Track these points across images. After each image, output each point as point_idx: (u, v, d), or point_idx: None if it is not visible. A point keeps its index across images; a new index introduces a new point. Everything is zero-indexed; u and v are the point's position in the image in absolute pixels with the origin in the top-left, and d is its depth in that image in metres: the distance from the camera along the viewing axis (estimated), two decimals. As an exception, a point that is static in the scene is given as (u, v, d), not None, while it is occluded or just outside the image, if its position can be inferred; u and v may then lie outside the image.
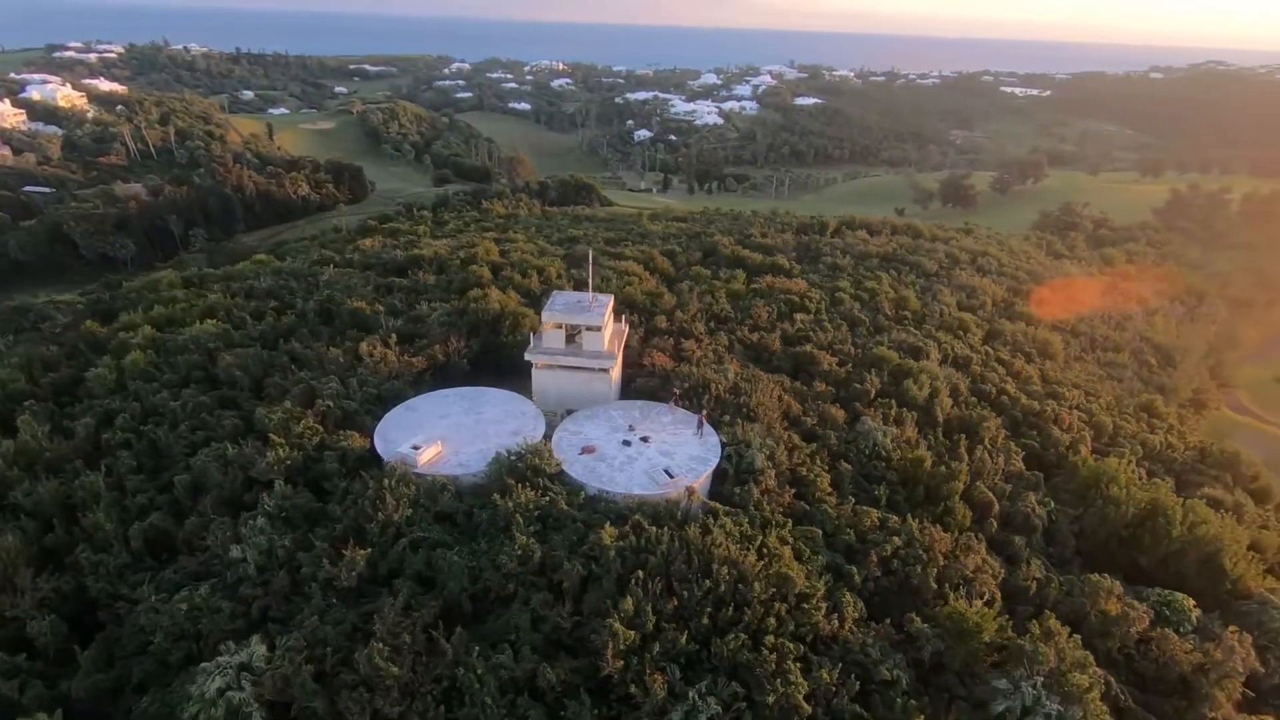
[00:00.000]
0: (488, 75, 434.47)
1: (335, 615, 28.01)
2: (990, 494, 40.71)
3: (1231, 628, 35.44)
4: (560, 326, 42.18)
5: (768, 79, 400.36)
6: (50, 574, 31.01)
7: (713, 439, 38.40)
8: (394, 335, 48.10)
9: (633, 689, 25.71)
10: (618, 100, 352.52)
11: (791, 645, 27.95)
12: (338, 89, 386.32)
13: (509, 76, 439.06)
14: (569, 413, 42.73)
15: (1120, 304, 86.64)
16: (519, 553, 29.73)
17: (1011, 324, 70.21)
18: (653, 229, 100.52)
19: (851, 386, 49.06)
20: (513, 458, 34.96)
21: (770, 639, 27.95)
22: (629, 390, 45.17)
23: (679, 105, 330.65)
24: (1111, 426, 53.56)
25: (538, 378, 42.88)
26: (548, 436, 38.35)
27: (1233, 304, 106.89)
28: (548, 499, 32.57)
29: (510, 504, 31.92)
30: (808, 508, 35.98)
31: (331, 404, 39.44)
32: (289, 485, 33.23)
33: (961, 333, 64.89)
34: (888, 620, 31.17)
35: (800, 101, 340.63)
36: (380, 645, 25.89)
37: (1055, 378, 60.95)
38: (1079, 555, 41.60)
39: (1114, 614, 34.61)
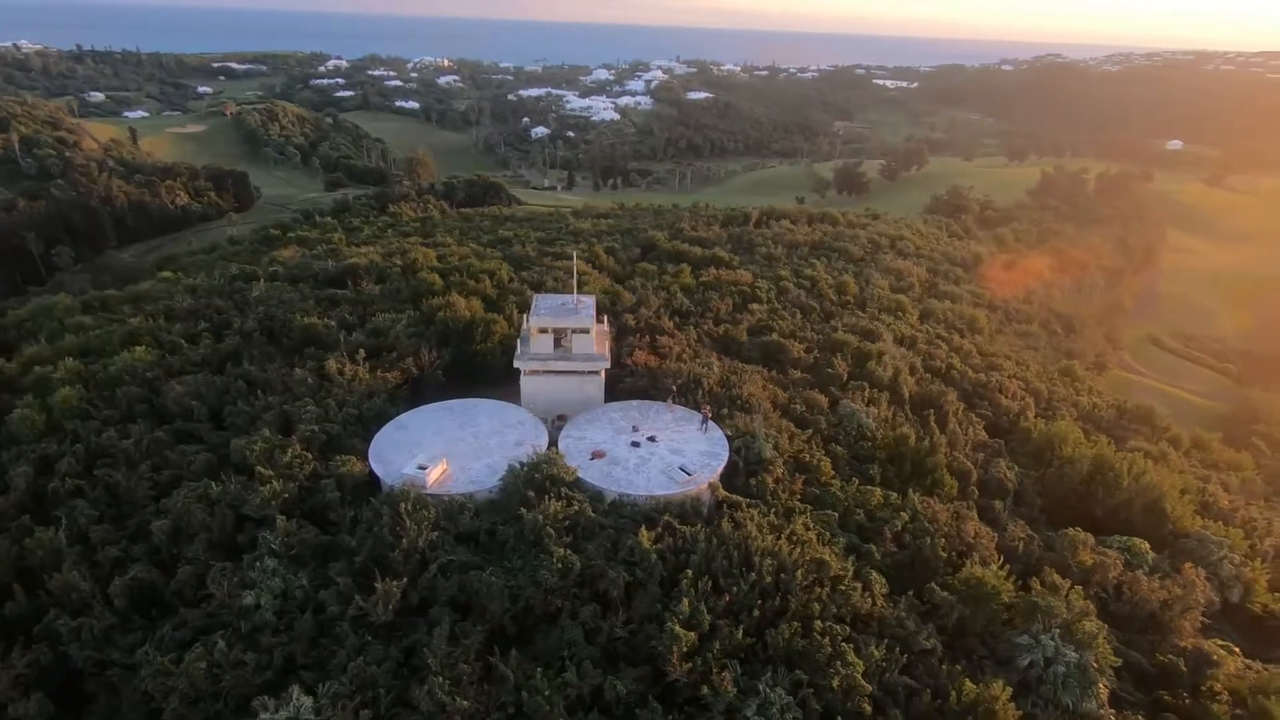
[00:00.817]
0: (369, 73, 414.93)
1: (375, 654, 26.24)
2: (969, 463, 43.45)
3: (1188, 564, 39.62)
4: (547, 331, 41.20)
5: (659, 74, 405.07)
6: (22, 648, 27.22)
7: (716, 433, 38.76)
8: (361, 351, 45.30)
9: (704, 690, 25.65)
10: (510, 97, 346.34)
11: (838, 628, 28.80)
12: (201, 89, 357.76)
13: (391, 74, 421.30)
14: (560, 418, 41.93)
15: (1023, 279, 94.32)
16: (559, 566, 28.93)
17: (939, 303, 74.90)
18: (582, 227, 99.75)
19: (823, 372, 50.88)
20: (526, 469, 33.89)
21: (818, 624, 28.69)
22: (613, 391, 44.72)
23: (574, 101, 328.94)
24: (1047, 392, 58.37)
25: (527, 384, 41.73)
26: (552, 444, 37.45)
27: (1106, 273, 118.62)
28: (574, 508, 31.80)
29: (538, 517, 30.96)
30: (818, 492, 37.06)
31: (316, 429, 36.74)
32: (289, 520, 30.73)
33: (900, 314, 68.57)
34: (909, 592, 32.67)
35: (692, 96, 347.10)
36: (439, 679, 24.54)
37: (987, 350, 65.63)
38: (1043, 513, 45.13)
39: (1090, 563, 37.93)
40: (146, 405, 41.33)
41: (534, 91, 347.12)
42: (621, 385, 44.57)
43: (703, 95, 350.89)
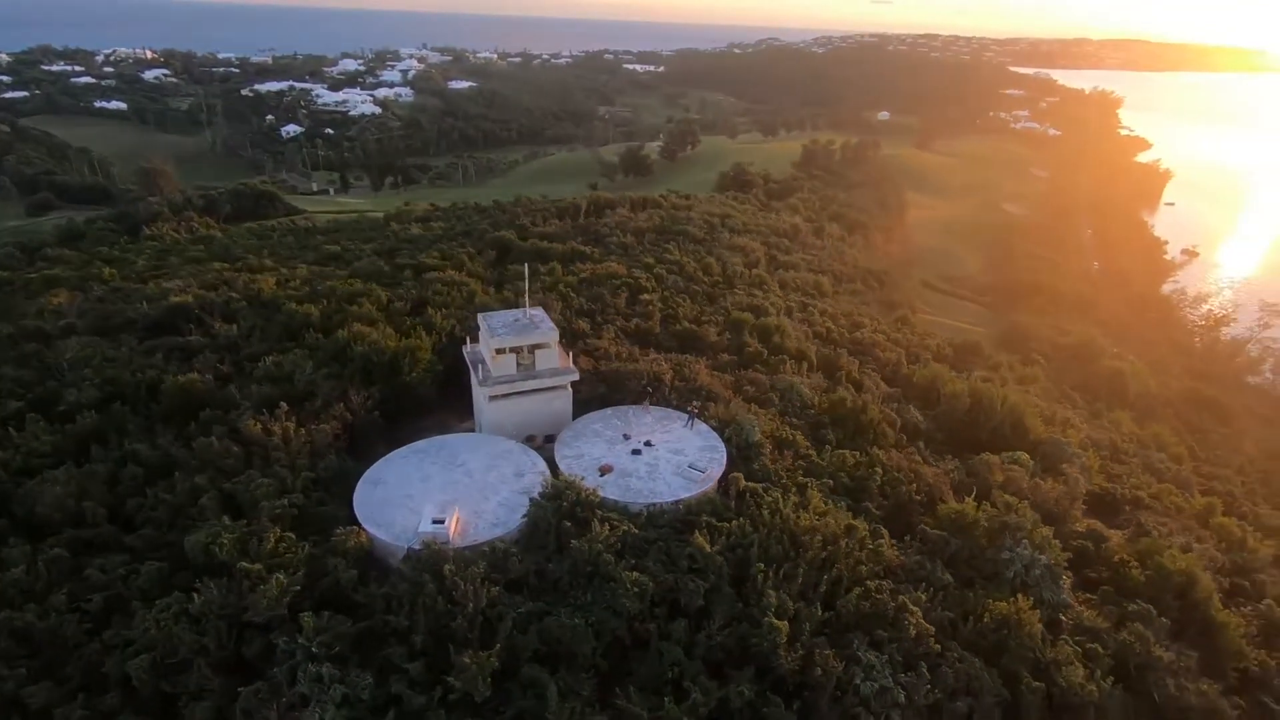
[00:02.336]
0: (44, 68, 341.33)
1: (487, 735, 23.72)
2: (892, 414, 48.98)
3: (1065, 463, 48.78)
4: (509, 350, 38.84)
5: (414, 63, 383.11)
6: None
7: (702, 427, 39.63)
8: (282, 405, 38.79)
9: (818, 673, 26.85)
10: (245, 93, 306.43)
11: (885, 583, 31.60)
12: None
13: (77, 68, 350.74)
14: (529, 439, 39.99)
15: (834, 242, 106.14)
16: (635, 590, 28.16)
17: (785, 273, 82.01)
18: (416, 232, 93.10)
19: (743, 352, 53.73)
20: (550, 499, 32.10)
21: (871, 583, 31.23)
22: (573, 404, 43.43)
23: (325, 95, 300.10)
24: (904, 341, 67.13)
25: (493, 410, 39.05)
26: (553, 467, 35.75)
27: (878, 230, 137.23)
28: (624, 528, 30.92)
29: (590, 545, 29.66)
30: (805, 464, 39.66)
31: (285, 503, 31.19)
32: (313, 614, 26.13)
33: (764, 288, 74.07)
34: (906, 537, 36.62)
35: (455, 86, 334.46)
36: (579, 739, 22.98)
37: (843, 311, 73.56)
38: (944, 445, 52.42)
39: (1003, 479, 45.20)
40: (4, 520, 31.93)
41: (274, 85, 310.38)
42: (578, 396, 43.38)
43: (466, 84, 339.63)
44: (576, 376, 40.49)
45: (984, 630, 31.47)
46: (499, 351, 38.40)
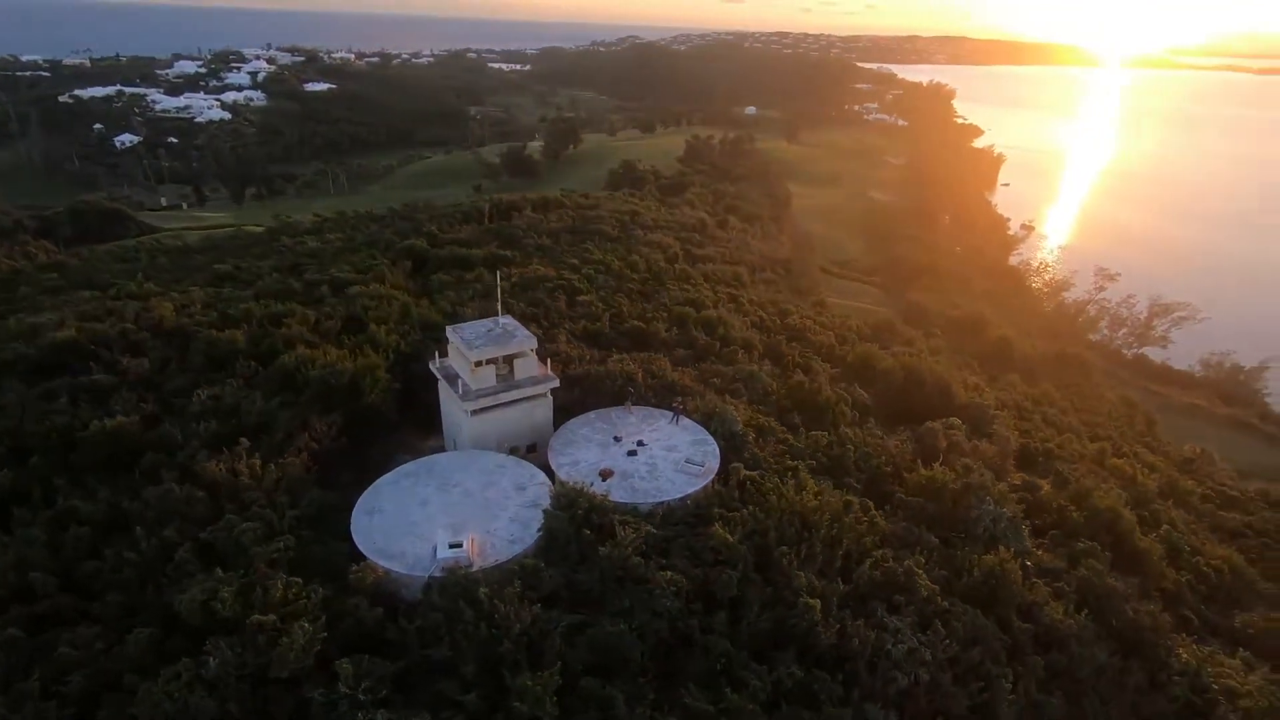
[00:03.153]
0: None
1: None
2: (844, 394, 51.69)
3: (995, 424, 53.51)
4: (487, 362, 37.58)
5: (264, 64, 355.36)
6: None
7: (687, 421, 40.16)
8: (242, 441, 35.32)
9: (855, 643, 28.16)
10: (64, 99, 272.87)
11: (888, 551, 33.57)
12: None
13: None
14: (512, 450, 38.96)
15: (737, 234, 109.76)
16: (672, 590, 28.32)
17: (705, 266, 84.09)
18: (314, 245, 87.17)
19: (696, 345, 54.76)
20: (563, 509, 31.51)
21: (878, 554, 33.08)
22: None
23: (164, 100, 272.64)
24: (829, 324, 70.84)
25: (475, 425, 37.60)
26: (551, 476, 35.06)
27: (770, 220, 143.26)
28: (646, 530, 30.89)
29: (617, 551, 29.46)
30: (785, 448, 41.15)
31: (280, 547, 28.56)
32: (348, 659, 24.26)
33: (691, 281, 75.59)
34: (885, 506, 39.00)
35: (312, 88, 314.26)
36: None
37: (763, 300, 76.49)
38: (887, 417, 56.01)
39: (947, 444, 49.05)
40: (-77, 606, 27.20)
41: (98, 90, 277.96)
42: (555, 403, 42.64)
43: (324, 86, 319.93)
44: (557, 383, 39.81)
45: (975, 583, 34.15)
46: (479, 364, 37.04)
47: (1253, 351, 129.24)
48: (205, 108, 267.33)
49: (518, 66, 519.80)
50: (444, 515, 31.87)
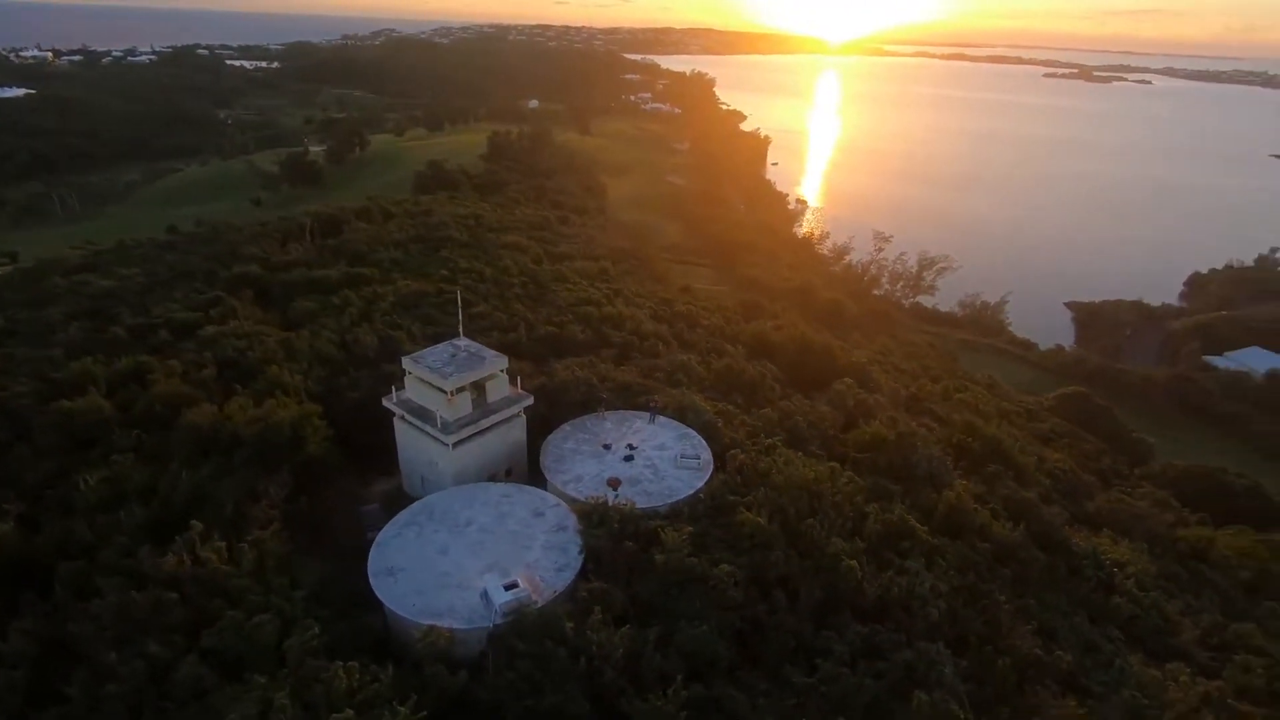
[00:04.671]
0: None
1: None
2: (762, 371, 55.09)
3: (879, 380, 60.21)
4: (464, 389, 35.07)
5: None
6: None
7: (663, 419, 40.61)
8: (194, 525, 29.28)
9: (895, 591, 30.99)
10: None
11: (875, 506, 37.06)
12: None
13: None
14: (491, 478, 36.89)
15: (582, 230, 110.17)
16: (734, 581, 29.13)
17: (572, 264, 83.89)
18: (107, 284, 72.83)
19: (613, 343, 54.87)
20: (598, 527, 30.77)
21: (871, 509, 36.37)
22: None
23: None
24: (710, 307, 74.41)
25: (457, 457, 34.90)
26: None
27: (597, 212, 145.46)
28: (690, 530, 31.15)
29: (671, 556, 29.54)
30: (749, 428, 43.24)
31: (315, 633, 24.56)
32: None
33: (568, 281, 75.07)
34: (843, 465, 42.77)
35: (6, 94, 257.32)
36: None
37: (640, 291, 78.30)
38: (794, 385, 60.56)
39: (854, 403, 54.63)
40: None
41: None
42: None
43: (20, 92, 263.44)
44: (531, 400, 38.16)
45: (942, 519, 38.99)
46: (455, 392, 34.43)
47: (994, 289, 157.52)
48: None
49: (263, 64, 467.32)
50: (473, 559, 29.53)
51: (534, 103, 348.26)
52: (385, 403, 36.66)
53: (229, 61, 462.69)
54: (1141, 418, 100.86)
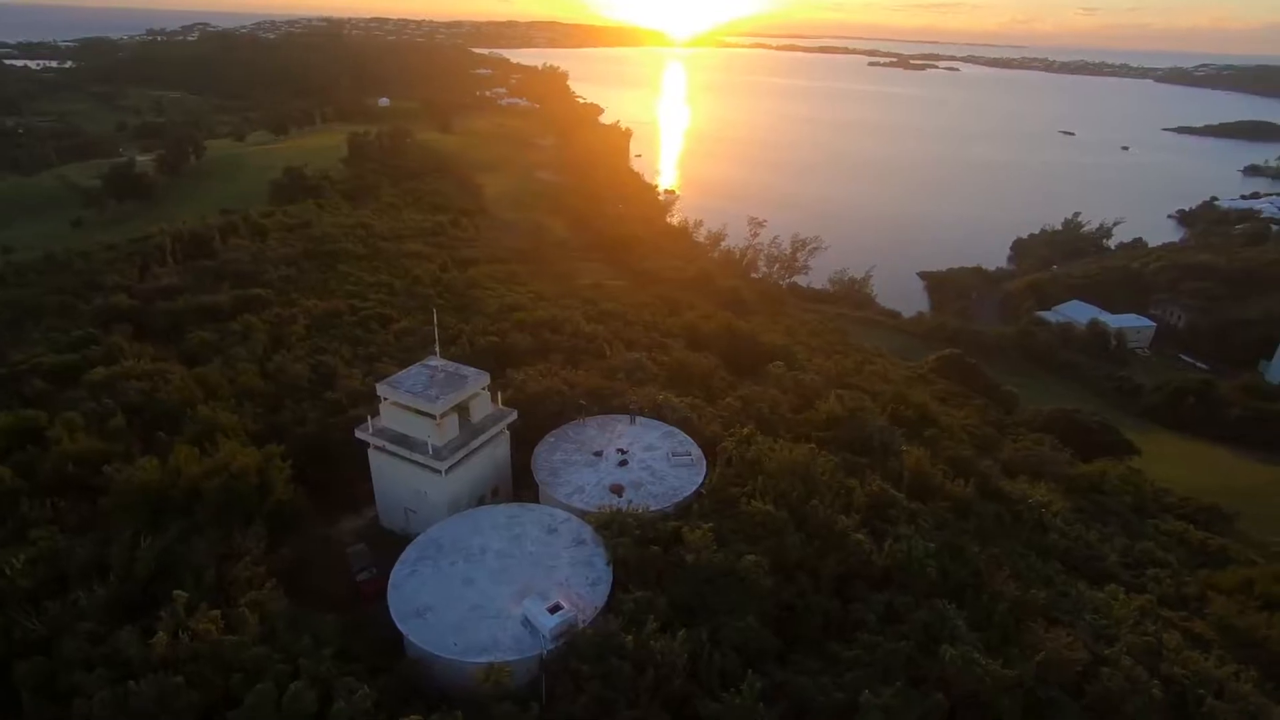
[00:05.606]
0: None
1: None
2: (706, 362, 56.20)
3: (802, 364, 63.30)
4: (453, 410, 33.27)
5: None
6: None
7: (641, 419, 40.54)
8: (178, 596, 25.57)
9: (902, 554, 33.01)
10: None
11: (855, 480, 39.21)
12: None
13: None
14: (482, 499, 35.41)
15: (475, 233, 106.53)
16: (764, 568, 29.90)
17: (480, 269, 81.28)
18: None
19: (561, 348, 53.89)
20: (619, 537, 30.42)
21: (851, 482, 38.43)
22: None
23: None
24: (633, 304, 74.72)
25: (450, 483, 33.09)
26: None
27: (480, 214, 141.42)
28: (709, 526, 31.45)
29: (701, 555, 29.81)
30: (720, 418, 44.15)
31: (364, 692, 22.46)
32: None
33: (484, 288, 72.70)
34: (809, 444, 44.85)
35: None
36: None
37: (563, 291, 77.35)
38: (733, 372, 62.19)
39: (793, 384, 57.29)
40: None
41: None
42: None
43: None
44: (515, 415, 36.80)
45: (911, 483, 41.92)
46: (444, 415, 32.58)
47: (857, 264, 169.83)
48: None
49: (52, 63, 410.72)
50: (501, 586, 28.24)
51: (385, 100, 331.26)
52: (359, 434, 34.02)
53: (8, 61, 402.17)
54: (998, 371, 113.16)
